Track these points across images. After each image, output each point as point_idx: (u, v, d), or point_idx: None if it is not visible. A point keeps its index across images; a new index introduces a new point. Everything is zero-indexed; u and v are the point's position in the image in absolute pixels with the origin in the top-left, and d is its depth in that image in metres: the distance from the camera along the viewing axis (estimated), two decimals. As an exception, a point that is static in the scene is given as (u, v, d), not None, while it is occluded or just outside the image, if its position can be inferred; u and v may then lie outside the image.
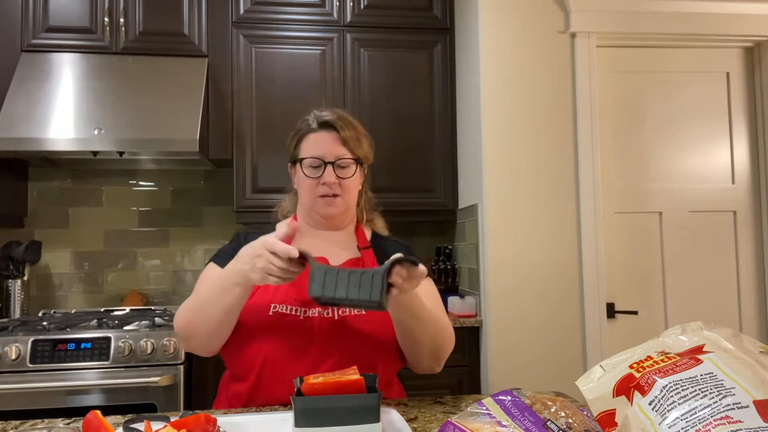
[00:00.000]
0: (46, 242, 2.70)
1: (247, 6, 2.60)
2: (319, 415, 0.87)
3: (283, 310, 1.15)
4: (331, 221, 1.28)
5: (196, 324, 1.14)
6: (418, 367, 1.22)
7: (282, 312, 1.15)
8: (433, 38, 2.69)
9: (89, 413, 0.83)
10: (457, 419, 0.84)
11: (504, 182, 2.31)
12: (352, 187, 1.26)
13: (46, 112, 2.30)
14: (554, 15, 2.37)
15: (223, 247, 1.30)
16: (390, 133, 2.61)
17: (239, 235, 1.31)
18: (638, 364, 0.76)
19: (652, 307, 2.43)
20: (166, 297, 2.80)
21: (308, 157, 1.22)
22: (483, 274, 2.31)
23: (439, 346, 1.19)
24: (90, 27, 2.51)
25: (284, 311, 1.15)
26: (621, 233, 2.43)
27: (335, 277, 0.93)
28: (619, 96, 2.47)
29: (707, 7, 2.41)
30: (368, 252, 1.28)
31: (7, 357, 1.98)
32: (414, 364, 1.22)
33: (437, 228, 2.92)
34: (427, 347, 1.17)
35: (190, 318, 1.15)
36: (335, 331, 1.15)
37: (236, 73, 2.57)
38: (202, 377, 2.16)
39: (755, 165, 2.53)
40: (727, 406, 0.64)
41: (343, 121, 1.24)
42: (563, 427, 0.79)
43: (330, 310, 1.17)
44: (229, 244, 1.29)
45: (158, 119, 2.35)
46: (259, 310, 1.16)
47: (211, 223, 2.85)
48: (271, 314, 1.15)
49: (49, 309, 2.67)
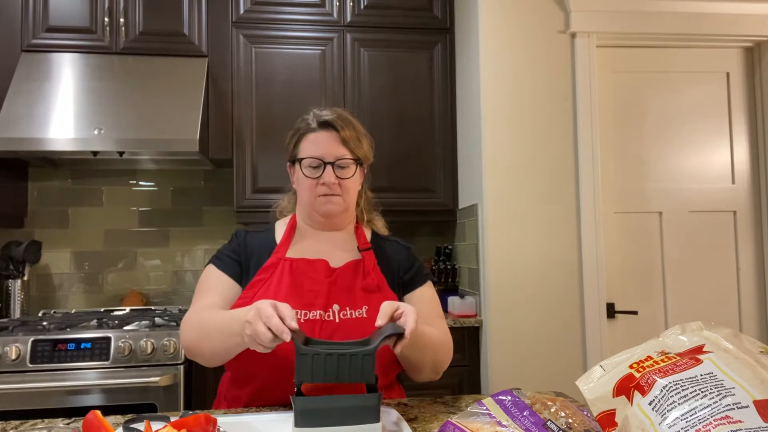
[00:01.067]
0: (46, 242, 2.70)
1: (247, 6, 2.60)
2: (319, 415, 0.86)
3: None
4: (331, 221, 1.27)
5: (201, 346, 1.12)
6: (417, 378, 1.22)
7: None
8: (433, 38, 2.69)
9: (89, 413, 0.83)
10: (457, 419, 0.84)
11: (504, 182, 2.31)
12: (351, 187, 1.25)
13: (46, 112, 2.30)
14: (554, 15, 2.37)
15: (222, 248, 1.29)
16: (390, 133, 2.61)
17: (238, 234, 1.30)
18: (638, 364, 0.76)
19: (652, 307, 2.43)
20: (166, 297, 2.80)
21: (308, 157, 1.21)
22: (483, 274, 2.31)
23: (439, 362, 1.19)
24: (90, 27, 2.51)
25: None
26: (621, 233, 2.43)
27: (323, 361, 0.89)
28: (619, 96, 2.47)
29: (707, 7, 2.41)
30: (369, 254, 1.27)
31: (7, 357, 1.98)
32: (413, 377, 1.22)
33: (437, 228, 2.92)
34: (428, 366, 1.18)
35: (196, 338, 1.13)
36: (336, 334, 1.14)
37: (236, 73, 2.57)
38: (202, 377, 2.16)
39: (755, 165, 2.52)
40: (727, 406, 0.64)
41: (343, 121, 1.23)
42: (563, 427, 0.79)
43: (331, 313, 1.16)
44: (228, 244, 1.29)
45: (158, 119, 2.35)
46: None
47: (211, 223, 2.85)
48: None
49: (49, 309, 2.67)
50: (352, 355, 0.89)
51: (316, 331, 1.14)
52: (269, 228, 1.32)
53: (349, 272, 1.23)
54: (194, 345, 1.14)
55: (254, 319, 0.94)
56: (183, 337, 1.17)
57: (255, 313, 0.94)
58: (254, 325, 0.93)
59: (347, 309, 1.18)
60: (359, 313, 1.18)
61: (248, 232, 1.31)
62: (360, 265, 1.25)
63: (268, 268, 1.21)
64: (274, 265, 1.21)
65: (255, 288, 1.19)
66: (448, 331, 1.27)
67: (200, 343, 1.12)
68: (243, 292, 1.20)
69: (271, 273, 1.21)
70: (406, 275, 1.30)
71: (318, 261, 1.22)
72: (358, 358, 0.89)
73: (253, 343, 0.96)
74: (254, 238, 1.29)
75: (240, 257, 1.25)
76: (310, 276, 1.20)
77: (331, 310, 1.17)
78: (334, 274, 1.21)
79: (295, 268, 1.21)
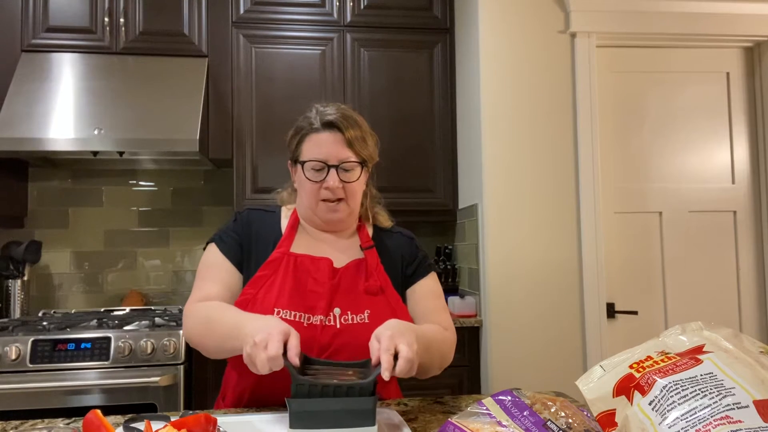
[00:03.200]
0: (46, 242, 2.70)
1: (247, 6, 2.60)
2: (315, 418, 0.86)
3: (287, 316, 1.13)
4: (333, 226, 1.25)
5: (204, 342, 1.13)
6: (423, 377, 1.22)
7: (285, 318, 1.13)
8: (433, 38, 2.69)
9: (90, 412, 0.83)
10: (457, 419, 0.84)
11: (504, 182, 2.31)
12: (356, 190, 1.21)
13: (46, 112, 2.30)
14: (554, 15, 2.37)
15: (224, 227, 1.27)
16: (390, 133, 2.61)
17: (241, 214, 1.27)
18: (638, 364, 0.76)
19: (652, 307, 2.43)
20: (166, 297, 2.80)
21: (310, 160, 1.17)
22: (483, 274, 2.31)
23: (445, 360, 1.20)
24: (90, 27, 2.51)
25: (288, 317, 1.13)
26: (621, 233, 2.43)
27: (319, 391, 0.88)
28: (619, 96, 2.47)
29: (707, 7, 2.41)
30: (371, 252, 1.24)
31: (7, 357, 1.98)
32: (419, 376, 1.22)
33: (437, 228, 2.92)
34: (435, 366, 1.18)
35: (200, 335, 1.13)
36: (337, 339, 1.14)
37: (236, 73, 2.57)
38: (202, 377, 2.16)
39: (755, 165, 2.53)
40: (727, 406, 0.64)
41: (348, 120, 1.19)
42: (563, 427, 0.79)
43: (332, 318, 1.15)
44: (232, 223, 1.26)
45: (158, 119, 2.35)
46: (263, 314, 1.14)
47: (211, 223, 2.85)
48: None
49: (49, 309, 2.67)
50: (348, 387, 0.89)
51: (317, 336, 1.13)
52: (276, 210, 1.29)
53: (351, 273, 1.21)
54: (198, 340, 1.14)
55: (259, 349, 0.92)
56: (187, 329, 1.16)
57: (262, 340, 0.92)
58: (257, 353, 0.92)
59: (348, 313, 1.16)
60: (361, 318, 1.16)
61: (252, 210, 1.28)
62: (362, 265, 1.23)
63: (272, 263, 1.19)
64: (278, 260, 1.19)
65: (258, 284, 1.17)
66: (452, 324, 1.27)
67: (204, 339, 1.12)
68: (246, 287, 1.18)
69: (275, 269, 1.18)
70: (409, 268, 1.28)
71: (322, 260, 1.20)
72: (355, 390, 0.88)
73: (249, 362, 0.95)
74: (259, 219, 1.26)
75: (242, 238, 1.23)
76: (313, 275, 1.18)
77: (332, 314, 1.15)
78: (337, 275, 1.19)
79: (300, 265, 1.19)
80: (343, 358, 1.12)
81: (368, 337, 1.12)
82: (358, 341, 1.12)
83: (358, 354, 1.13)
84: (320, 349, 1.12)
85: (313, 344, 1.12)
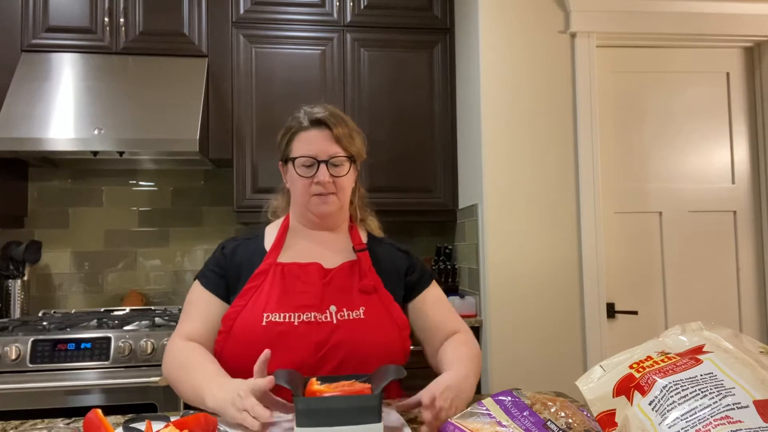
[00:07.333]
0: (46, 242, 2.70)
1: (247, 6, 2.60)
2: (321, 416, 0.87)
3: (277, 319, 1.13)
4: (325, 220, 1.27)
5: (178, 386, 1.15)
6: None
7: (275, 321, 1.13)
8: (433, 38, 2.69)
9: (90, 412, 0.83)
10: (457, 419, 0.84)
11: (504, 182, 2.31)
12: (346, 185, 1.25)
13: (46, 112, 2.30)
14: (554, 15, 2.37)
15: (208, 261, 1.28)
16: (390, 133, 2.61)
17: (225, 246, 1.28)
18: (638, 364, 0.76)
19: (652, 307, 2.43)
20: (166, 297, 2.80)
21: (301, 156, 1.21)
22: (483, 274, 2.31)
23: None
24: (90, 27, 2.50)
25: (278, 320, 1.13)
26: (621, 233, 2.42)
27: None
28: (619, 96, 2.47)
29: (707, 7, 2.41)
30: (364, 254, 1.26)
31: (7, 357, 1.97)
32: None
33: (437, 228, 2.92)
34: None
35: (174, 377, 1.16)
36: (332, 336, 1.14)
37: (236, 73, 2.57)
38: (202, 377, 2.15)
39: (755, 165, 2.52)
40: (727, 406, 0.64)
41: (335, 118, 1.23)
42: (563, 427, 0.79)
43: (328, 314, 1.16)
44: (213, 257, 1.27)
45: (158, 119, 2.35)
46: (252, 322, 1.14)
47: (211, 223, 2.84)
48: (265, 324, 1.13)
49: (49, 309, 2.67)
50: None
51: (311, 333, 1.13)
52: (258, 234, 1.31)
53: (344, 273, 1.22)
54: (171, 382, 1.17)
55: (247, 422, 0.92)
56: (164, 366, 1.20)
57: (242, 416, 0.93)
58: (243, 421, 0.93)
59: (344, 310, 1.17)
60: (357, 314, 1.17)
61: (236, 243, 1.28)
62: (356, 266, 1.24)
63: (260, 274, 1.20)
64: (266, 271, 1.20)
65: (246, 296, 1.18)
66: (465, 324, 1.30)
67: (176, 384, 1.15)
68: (235, 300, 1.19)
69: (263, 280, 1.19)
70: (411, 277, 1.30)
71: (310, 264, 1.21)
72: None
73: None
74: (242, 249, 1.27)
75: (225, 272, 1.24)
76: (303, 280, 1.19)
77: (328, 312, 1.16)
78: (329, 275, 1.21)
79: (287, 273, 1.20)
80: (342, 354, 1.13)
81: (365, 332, 1.13)
82: (355, 336, 1.14)
83: (355, 349, 1.13)
84: (316, 346, 1.13)
85: (308, 341, 1.13)
